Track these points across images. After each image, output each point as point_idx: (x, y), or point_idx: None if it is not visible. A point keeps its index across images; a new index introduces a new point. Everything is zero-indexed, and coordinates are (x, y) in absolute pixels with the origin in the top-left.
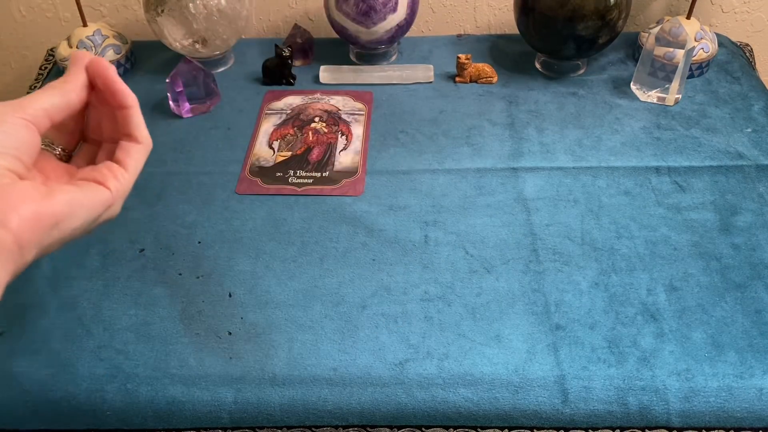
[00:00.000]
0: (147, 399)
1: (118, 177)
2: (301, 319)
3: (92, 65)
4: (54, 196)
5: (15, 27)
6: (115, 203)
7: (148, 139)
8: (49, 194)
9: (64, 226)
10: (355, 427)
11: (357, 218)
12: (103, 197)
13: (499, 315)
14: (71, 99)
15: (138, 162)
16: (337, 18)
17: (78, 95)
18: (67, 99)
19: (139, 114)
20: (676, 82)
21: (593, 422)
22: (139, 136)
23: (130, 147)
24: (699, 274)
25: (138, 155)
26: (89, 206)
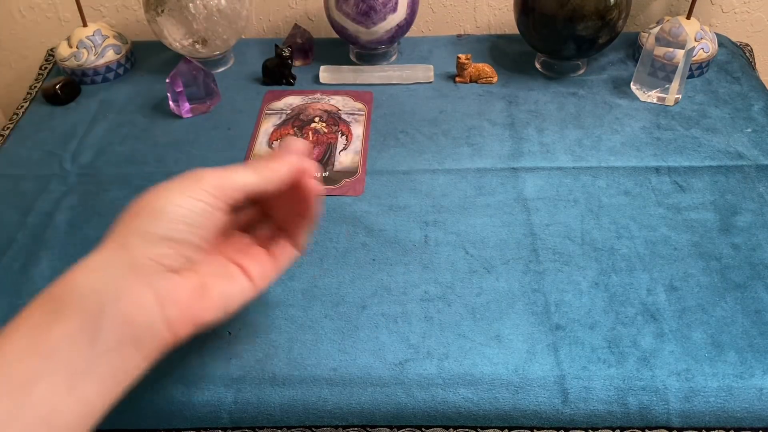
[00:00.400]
0: (147, 399)
1: (265, 272)
2: (301, 319)
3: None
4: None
5: (15, 27)
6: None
7: (304, 251)
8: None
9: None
10: (355, 427)
11: (357, 218)
12: (246, 292)
13: (499, 315)
14: (267, 187)
15: (285, 265)
16: (337, 18)
17: (274, 186)
18: (266, 186)
19: (313, 228)
20: (676, 82)
21: (593, 422)
22: (301, 245)
23: (288, 251)
24: (699, 274)
25: (289, 259)
26: (234, 303)
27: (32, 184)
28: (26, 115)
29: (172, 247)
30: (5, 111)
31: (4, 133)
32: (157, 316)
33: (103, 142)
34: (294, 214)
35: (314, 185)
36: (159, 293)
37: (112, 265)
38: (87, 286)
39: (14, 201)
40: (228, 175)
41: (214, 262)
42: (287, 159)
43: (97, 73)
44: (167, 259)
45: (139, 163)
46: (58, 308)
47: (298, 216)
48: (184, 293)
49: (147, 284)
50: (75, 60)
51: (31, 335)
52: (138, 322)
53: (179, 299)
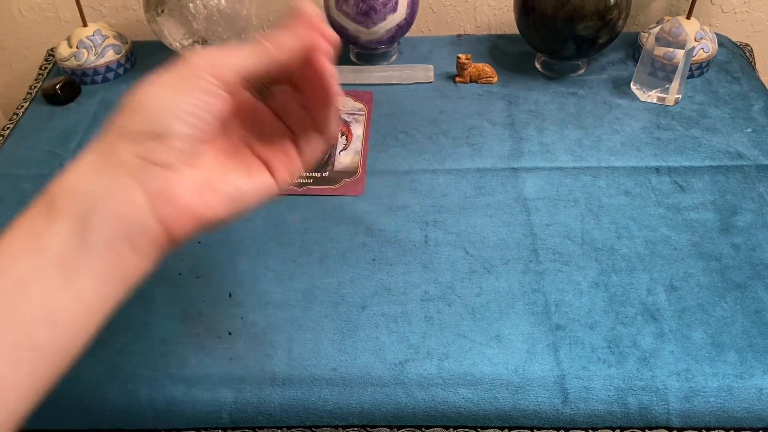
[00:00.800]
0: (147, 399)
1: (291, 169)
2: (301, 319)
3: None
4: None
5: (15, 27)
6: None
7: (335, 135)
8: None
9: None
10: (355, 427)
11: (357, 218)
12: (267, 190)
13: (499, 315)
14: (272, 65)
15: (316, 154)
16: (337, 18)
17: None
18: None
19: (337, 112)
20: (676, 82)
21: (593, 422)
22: (328, 131)
23: (314, 138)
24: (699, 274)
25: (318, 148)
26: (251, 199)
27: (32, 184)
28: (26, 115)
29: (159, 141)
30: (5, 111)
31: (4, 133)
32: (147, 214)
33: None
34: (317, 97)
35: (325, 65)
36: (149, 190)
37: (99, 167)
38: (76, 188)
39: (14, 201)
40: (223, 58)
41: (229, 154)
42: (296, 31)
43: (97, 73)
44: (156, 155)
45: None
46: (50, 210)
47: (320, 98)
48: (182, 189)
49: (136, 182)
50: (75, 60)
51: (26, 237)
52: (129, 220)
53: (175, 196)
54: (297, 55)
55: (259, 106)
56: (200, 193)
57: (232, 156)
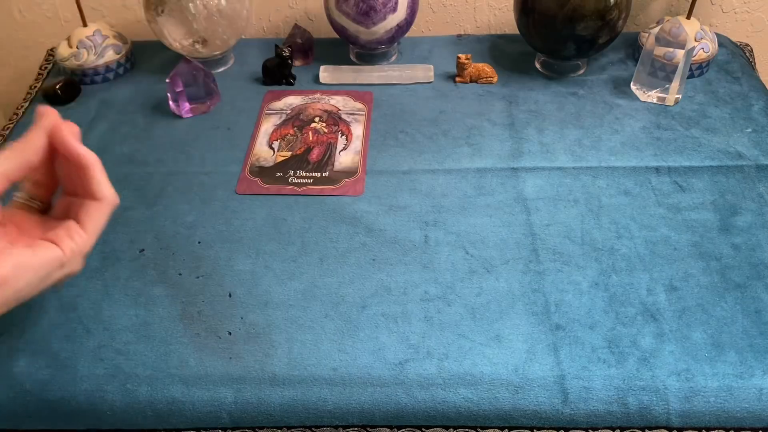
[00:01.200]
0: (147, 399)
1: (74, 237)
2: (301, 319)
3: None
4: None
5: (15, 27)
6: (70, 262)
7: (111, 196)
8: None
9: (7, 289)
10: (355, 427)
11: (357, 218)
12: (52, 256)
13: (499, 315)
14: (30, 159)
15: (98, 220)
16: (337, 18)
17: (37, 155)
18: (25, 160)
19: (99, 172)
20: (676, 82)
21: (593, 422)
22: (99, 194)
23: (89, 206)
24: (699, 274)
25: (98, 213)
26: (37, 267)
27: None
28: (26, 115)
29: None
30: (5, 111)
31: (4, 133)
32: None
33: (103, 142)
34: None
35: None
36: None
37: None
38: None
39: None
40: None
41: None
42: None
43: (97, 73)
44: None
45: (139, 163)
46: None
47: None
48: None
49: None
50: (75, 60)
51: None
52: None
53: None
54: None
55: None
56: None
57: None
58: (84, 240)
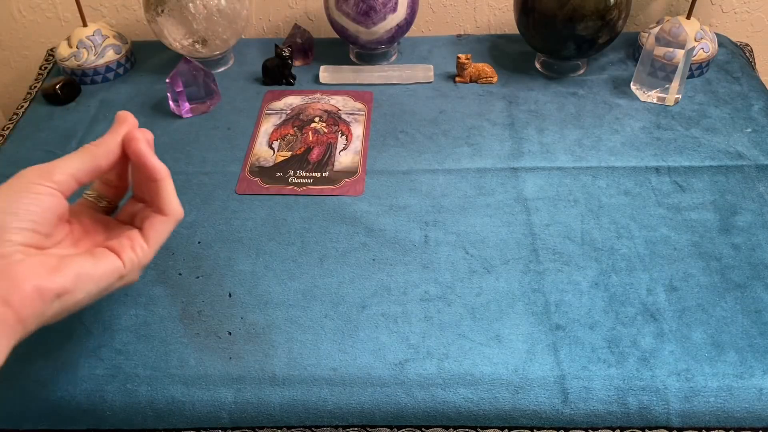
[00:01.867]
0: (147, 399)
1: (136, 249)
2: (301, 319)
3: (126, 139)
4: (61, 270)
5: (15, 27)
6: (129, 274)
7: (177, 211)
8: (56, 269)
9: (68, 299)
10: (355, 427)
11: (357, 218)
12: (113, 268)
13: (499, 315)
14: (100, 164)
15: (162, 234)
16: (337, 18)
17: (108, 161)
18: (96, 164)
19: (169, 187)
20: (676, 82)
21: (593, 422)
22: (166, 209)
23: (155, 219)
24: (699, 274)
25: (162, 228)
26: (98, 278)
27: None
28: (26, 115)
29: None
30: (5, 111)
31: (4, 133)
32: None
33: None
34: (145, 182)
35: (141, 147)
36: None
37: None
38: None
39: None
40: (51, 164)
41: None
42: (116, 130)
43: (97, 73)
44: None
45: None
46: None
47: (148, 180)
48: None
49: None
50: (75, 60)
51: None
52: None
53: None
54: (116, 147)
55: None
56: (44, 274)
57: (78, 248)
58: (145, 253)
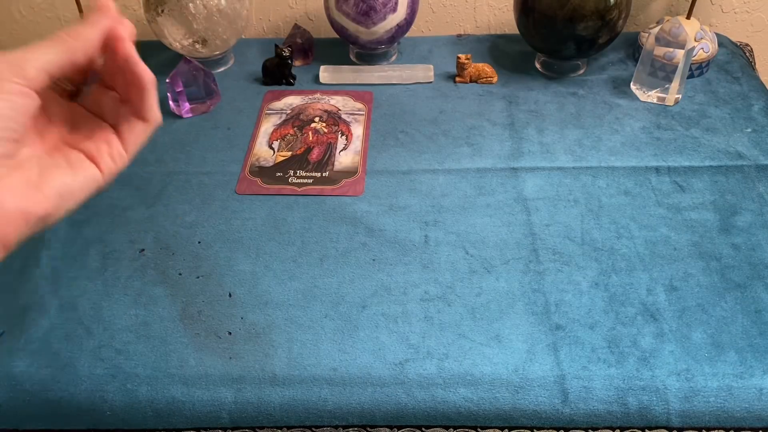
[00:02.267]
0: (147, 399)
1: (115, 157)
2: (301, 319)
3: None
4: (43, 188)
5: (15, 27)
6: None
7: (158, 118)
8: (38, 187)
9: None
10: (355, 427)
11: (357, 218)
12: (92, 179)
13: (499, 315)
14: (77, 58)
15: (141, 140)
16: (337, 18)
17: (85, 56)
18: (72, 57)
19: (153, 94)
20: (676, 82)
21: (593, 422)
22: (148, 115)
23: (136, 125)
24: (699, 274)
25: (143, 134)
26: (78, 193)
27: None
28: None
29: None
30: None
31: None
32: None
33: None
34: (129, 84)
35: (128, 49)
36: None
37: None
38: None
39: None
40: (22, 57)
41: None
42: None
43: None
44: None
45: (139, 162)
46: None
47: (132, 85)
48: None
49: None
50: None
51: None
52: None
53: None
54: (96, 42)
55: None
56: (26, 194)
57: (53, 155)
58: (123, 161)
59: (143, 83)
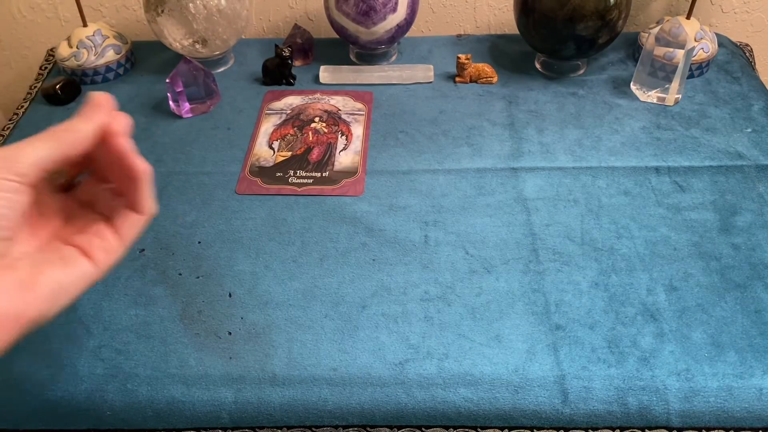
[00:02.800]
0: (147, 399)
1: (109, 250)
2: (301, 319)
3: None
4: (35, 288)
5: (15, 27)
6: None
7: (152, 209)
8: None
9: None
10: (355, 427)
11: (357, 218)
12: (86, 275)
13: (499, 315)
14: (70, 153)
15: (135, 232)
16: (337, 18)
17: (78, 151)
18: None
19: (148, 185)
20: (676, 82)
21: (593, 422)
22: (142, 207)
23: (130, 217)
24: (699, 274)
25: (137, 226)
26: (72, 290)
27: None
28: (26, 115)
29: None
30: (5, 111)
31: (4, 133)
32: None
33: None
34: (122, 177)
35: (123, 144)
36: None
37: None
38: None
39: None
40: (17, 152)
41: (44, 249)
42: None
43: (97, 73)
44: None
45: None
46: None
47: (126, 178)
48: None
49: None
50: (75, 60)
51: None
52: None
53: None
54: (91, 138)
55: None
56: (18, 297)
57: (45, 251)
58: (117, 254)
59: (138, 176)
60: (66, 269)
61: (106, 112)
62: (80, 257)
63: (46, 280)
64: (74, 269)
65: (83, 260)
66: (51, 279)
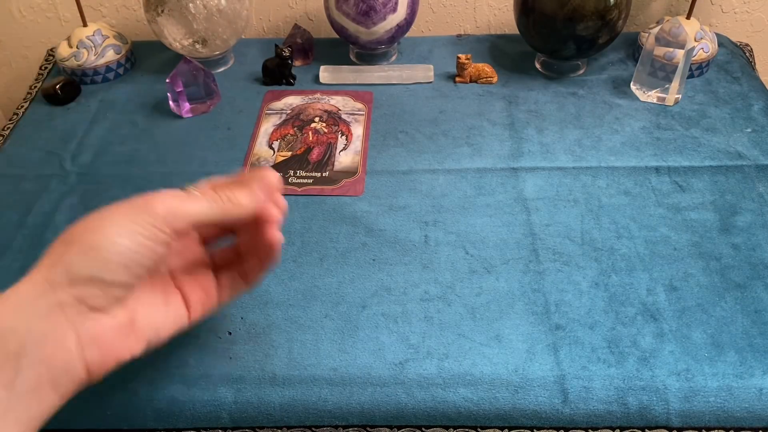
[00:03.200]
0: (147, 399)
1: (206, 306)
2: (301, 319)
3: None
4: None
5: (15, 27)
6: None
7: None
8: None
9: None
10: (355, 427)
11: (357, 218)
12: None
13: (499, 315)
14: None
15: (233, 299)
16: (337, 18)
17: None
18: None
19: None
20: (676, 82)
21: (593, 422)
22: (253, 283)
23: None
24: (699, 274)
25: (238, 293)
26: (164, 334)
27: (32, 184)
28: (26, 115)
29: (101, 288)
30: (5, 111)
31: (4, 133)
32: (76, 359)
33: (103, 142)
34: (254, 249)
35: (274, 236)
36: (81, 335)
37: (35, 304)
38: (7, 326)
39: (14, 201)
40: (180, 204)
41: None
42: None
43: (97, 73)
44: (95, 300)
45: (139, 163)
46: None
47: (257, 254)
48: (109, 333)
49: (70, 326)
50: (75, 60)
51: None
52: (57, 365)
53: (102, 340)
54: (249, 217)
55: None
56: (123, 336)
57: (155, 287)
58: (211, 312)
59: (269, 263)
60: (165, 311)
61: (272, 195)
62: (179, 302)
63: (146, 322)
64: (172, 313)
65: (182, 306)
66: (150, 321)
